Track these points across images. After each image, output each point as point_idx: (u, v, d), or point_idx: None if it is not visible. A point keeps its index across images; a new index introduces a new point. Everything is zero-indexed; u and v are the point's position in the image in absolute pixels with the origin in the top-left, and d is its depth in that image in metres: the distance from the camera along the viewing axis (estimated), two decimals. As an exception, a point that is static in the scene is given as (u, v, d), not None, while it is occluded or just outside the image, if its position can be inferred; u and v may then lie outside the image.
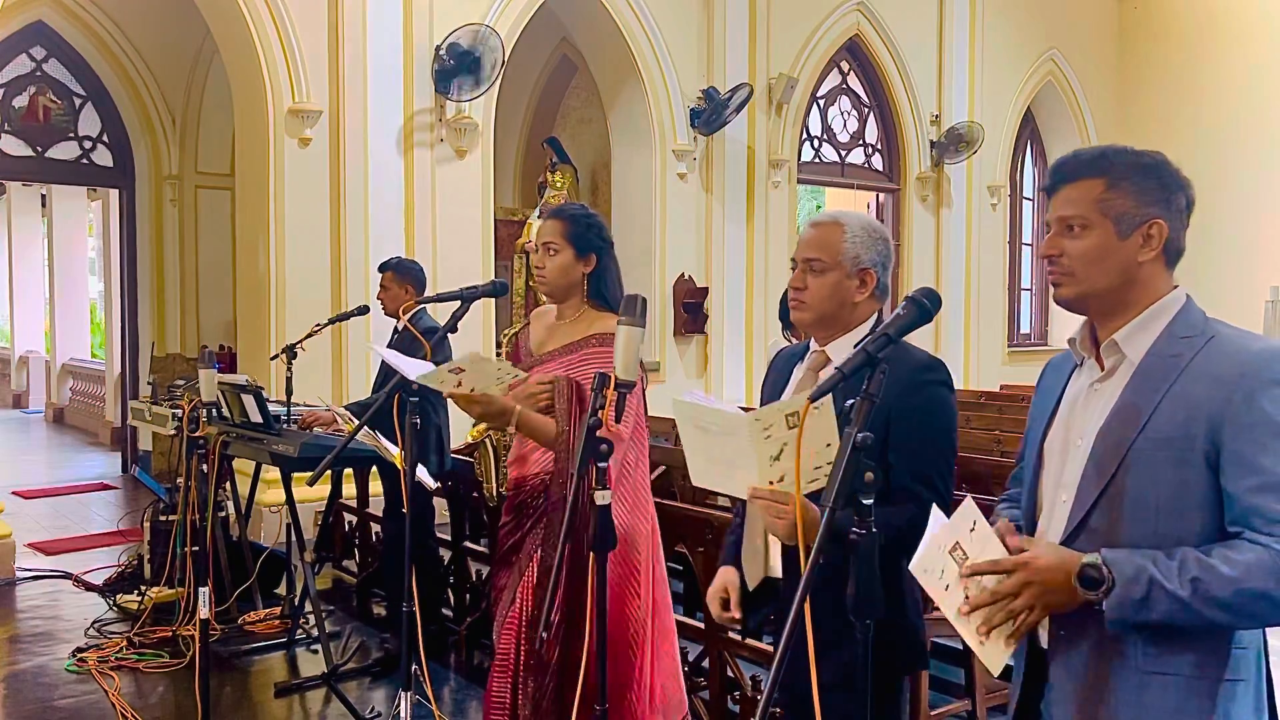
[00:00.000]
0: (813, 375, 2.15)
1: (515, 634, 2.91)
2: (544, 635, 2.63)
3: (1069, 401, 1.77)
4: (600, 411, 2.20)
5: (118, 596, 5.56)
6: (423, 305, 4.67)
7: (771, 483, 1.84)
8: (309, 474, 4.09)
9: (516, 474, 2.99)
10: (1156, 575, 1.52)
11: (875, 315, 2.17)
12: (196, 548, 4.48)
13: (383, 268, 5.00)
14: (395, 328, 4.97)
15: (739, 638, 3.73)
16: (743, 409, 1.94)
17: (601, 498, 2.19)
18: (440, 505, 5.54)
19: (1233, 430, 1.55)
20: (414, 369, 2.78)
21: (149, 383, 6.70)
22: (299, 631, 5.06)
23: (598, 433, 2.18)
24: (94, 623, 5.23)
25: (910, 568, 1.64)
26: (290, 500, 4.76)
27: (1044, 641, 1.76)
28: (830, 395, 1.74)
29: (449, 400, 2.74)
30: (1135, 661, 1.61)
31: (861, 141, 10.73)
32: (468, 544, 5.24)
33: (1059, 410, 1.78)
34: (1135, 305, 1.67)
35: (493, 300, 7.41)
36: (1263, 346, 1.59)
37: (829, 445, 1.80)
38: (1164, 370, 1.62)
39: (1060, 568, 1.58)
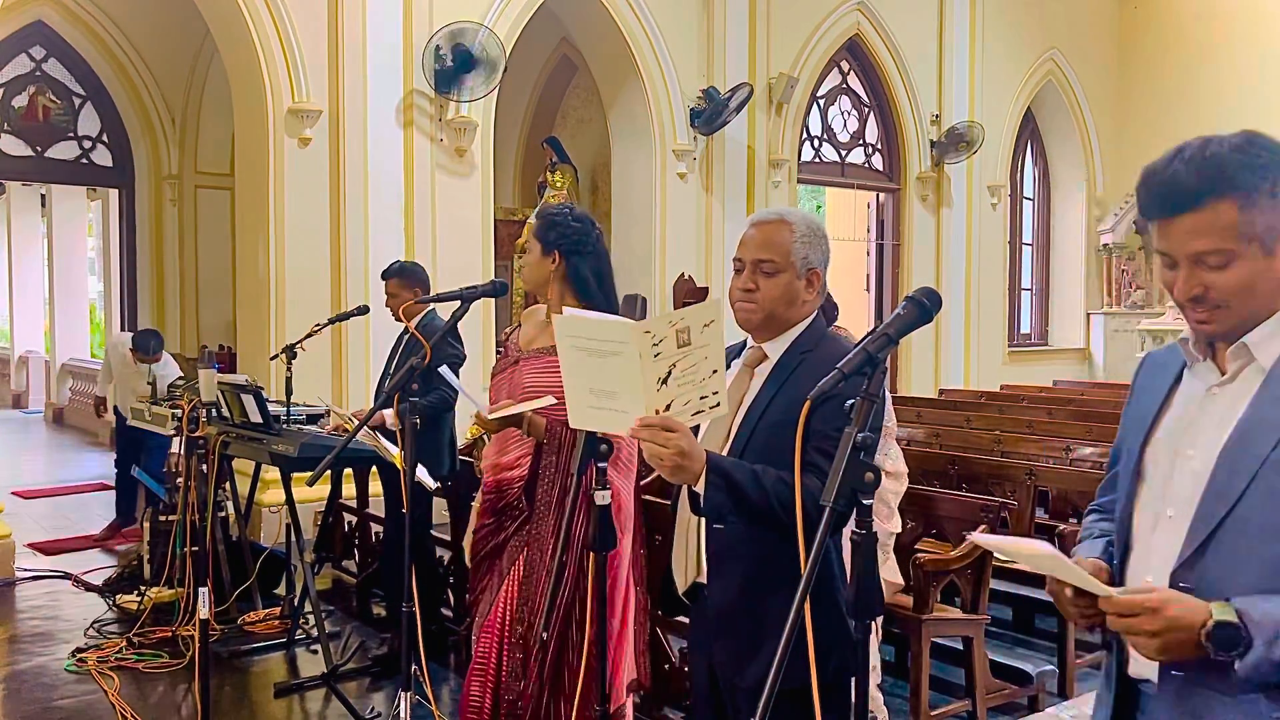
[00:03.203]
0: (748, 370, 2.15)
1: (495, 638, 2.91)
2: (544, 635, 2.64)
3: (1179, 407, 1.57)
4: None
5: (117, 597, 5.56)
6: (432, 307, 4.68)
7: (658, 410, 1.81)
8: (308, 474, 4.10)
9: (495, 475, 2.99)
10: None
11: (815, 312, 2.16)
12: (196, 548, 4.48)
13: (386, 275, 4.96)
14: (404, 330, 4.95)
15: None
16: None
17: (601, 498, 2.19)
18: (440, 505, 5.54)
19: None
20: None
21: (149, 383, 6.69)
22: (299, 631, 5.06)
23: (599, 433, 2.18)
24: (94, 623, 5.23)
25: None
26: (290, 500, 4.75)
27: (1133, 670, 1.58)
28: (720, 315, 1.78)
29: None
30: (1260, 708, 1.41)
31: (861, 141, 10.73)
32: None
33: (1164, 415, 1.58)
34: (1274, 310, 1.47)
35: (493, 300, 7.40)
36: None
37: (715, 372, 1.81)
38: None
39: (1189, 625, 1.37)
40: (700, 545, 2.15)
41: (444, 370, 2.92)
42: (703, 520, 2.12)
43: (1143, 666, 1.54)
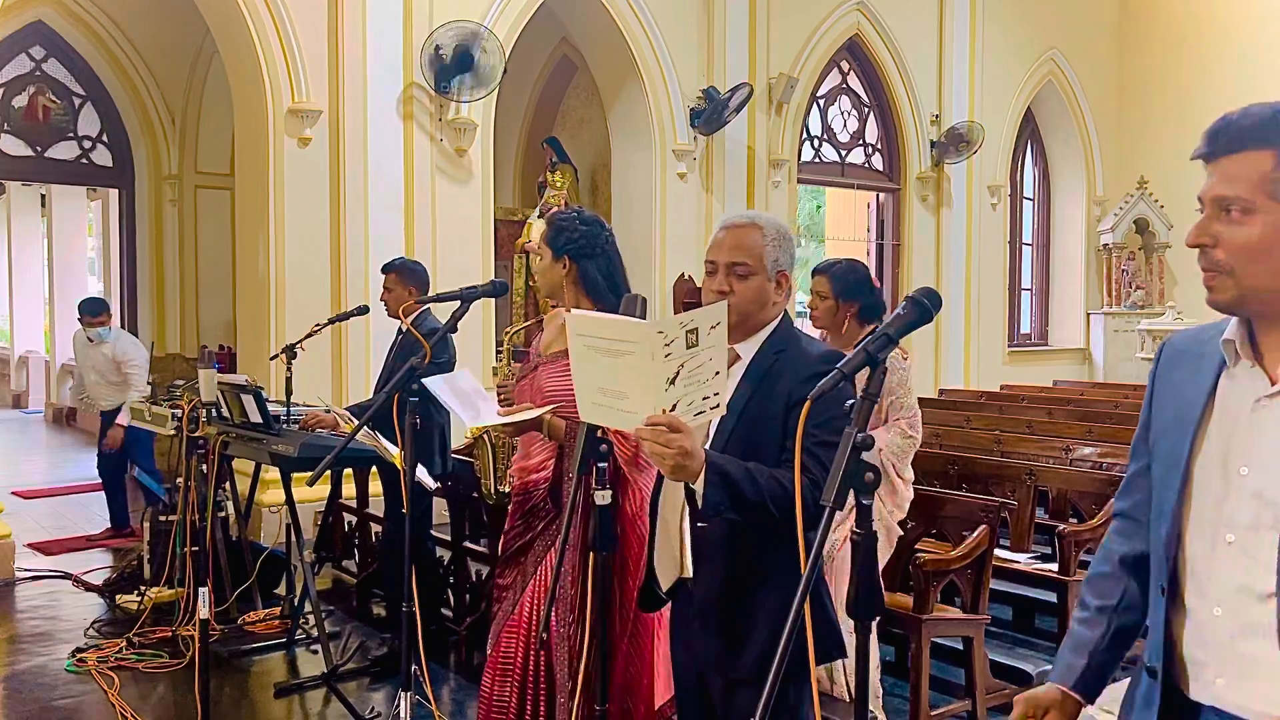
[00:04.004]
0: None
1: (521, 638, 2.91)
2: (544, 635, 2.64)
3: (1226, 414, 1.44)
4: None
5: (117, 597, 5.56)
6: (426, 306, 4.68)
7: (664, 410, 1.85)
8: (308, 474, 4.10)
9: (522, 478, 2.99)
10: None
11: (783, 313, 2.22)
12: (196, 548, 4.48)
13: (386, 269, 4.96)
14: (399, 329, 4.96)
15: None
16: None
17: (601, 498, 2.19)
18: (440, 505, 5.55)
19: None
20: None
21: (148, 383, 6.69)
22: (299, 631, 5.06)
23: (598, 433, 2.19)
24: (94, 623, 5.23)
25: None
26: (290, 500, 4.76)
27: (1195, 694, 1.47)
28: (726, 317, 1.83)
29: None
30: None
31: (861, 141, 10.73)
32: (468, 544, 5.24)
33: (1207, 420, 1.45)
34: None
35: (493, 300, 7.40)
36: None
37: (718, 374, 1.84)
38: None
39: None
40: (684, 543, 2.18)
41: (429, 382, 2.92)
42: (686, 518, 2.15)
43: (1213, 693, 1.44)
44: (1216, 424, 1.44)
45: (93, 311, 7.04)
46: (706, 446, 2.10)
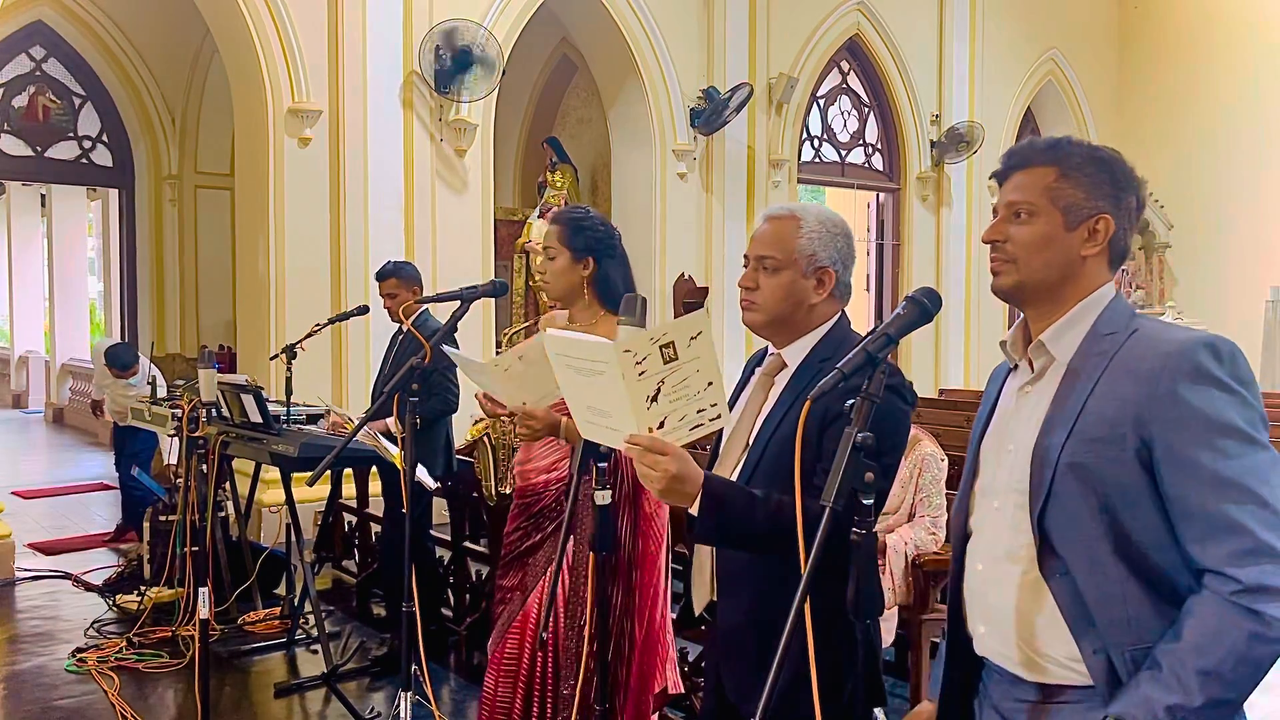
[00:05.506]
0: (768, 379, 2.05)
1: (528, 640, 2.91)
2: (544, 635, 2.64)
3: (1002, 405, 1.71)
4: None
5: (117, 597, 5.56)
6: (425, 307, 4.67)
7: (651, 429, 1.73)
8: (308, 474, 4.10)
9: (533, 479, 2.98)
10: (1169, 699, 1.41)
11: (837, 316, 2.04)
12: (196, 548, 4.48)
13: (381, 275, 4.92)
14: (400, 329, 4.96)
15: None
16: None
17: (601, 498, 2.19)
18: (440, 505, 5.55)
19: (1161, 427, 1.48)
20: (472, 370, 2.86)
21: (148, 382, 6.69)
22: (299, 631, 5.06)
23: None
24: (94, 623, 5.23)
25: None
26: (290, 500, 4.75)
27: (979, 649, 1.69)
28: (708, 326, 1.73)
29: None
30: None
31: (861, 141, 10.73)
32: (468, 544, 5.24)
33: (994, 415, 1.72)
34: (1068, 302, 1.62)
35: (493, 300, 7.41)
36: (1183, 337, 1.51)
37: (711, 385, 1.74)
38: (1089, 370, 1.56)
39: None
40: (713, 566, 2.09)
41: (450, 350, 2.91)
42: None
43: (982, 645, 1.67)
44: (999, 413, 1.71)
45: (123, 365, 6.84)
46: (741, 461, 1.99)
